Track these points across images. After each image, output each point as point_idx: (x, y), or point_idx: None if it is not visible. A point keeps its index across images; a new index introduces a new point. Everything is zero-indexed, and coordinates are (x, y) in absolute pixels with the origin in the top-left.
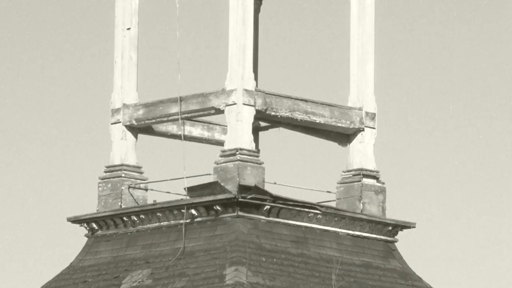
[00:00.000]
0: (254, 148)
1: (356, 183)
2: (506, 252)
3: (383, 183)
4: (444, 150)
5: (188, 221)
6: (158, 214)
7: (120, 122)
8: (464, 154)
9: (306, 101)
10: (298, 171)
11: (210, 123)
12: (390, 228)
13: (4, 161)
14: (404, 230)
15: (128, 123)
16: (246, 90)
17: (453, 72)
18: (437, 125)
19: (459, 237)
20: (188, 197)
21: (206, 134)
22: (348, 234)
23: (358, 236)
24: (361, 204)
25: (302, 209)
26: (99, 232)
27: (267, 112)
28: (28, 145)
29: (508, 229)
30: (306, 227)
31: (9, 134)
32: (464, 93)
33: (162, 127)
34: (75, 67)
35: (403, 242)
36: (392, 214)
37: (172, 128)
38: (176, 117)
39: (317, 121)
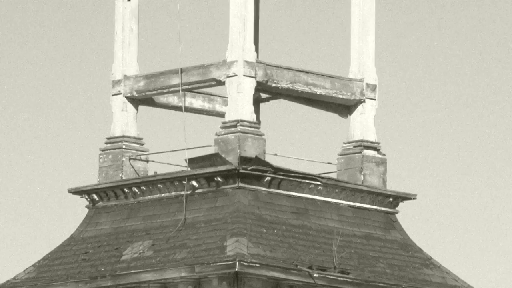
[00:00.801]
0: (255, 120)
1: (357, 154)
2: (506, 222)
3: (384, 155)
4: (445, 121)
5: (189, 192)
6: (159, 185)
7: (121, 93)
8: (465, 125)
9: (307, 72)
10: (299, 142)
11: (211, 95)
12: (390, 199)
13: (5, 133)
14: (405, 202)
15: (129, 95)
16: (247, 61)
17: (455, 43)
18: (438, 96)
19: (459, 208)
20: (189, 169)
21: (207, 105)
22: (349, 205)
23: (359, 208)
24: (362, 176)
25: (303, 180)
26: (100, 203)
27: (268, 83)
28: (29, 117)
29: (508, 199)
30: (307, 198)
31: (10, 106)
32: (465, 64)
33: (163, 99)
34: (76, 38)
35: (404, 213)
36: (393, 185)
37: (173, 99)
38: (177, 88)
39: (318, 93)
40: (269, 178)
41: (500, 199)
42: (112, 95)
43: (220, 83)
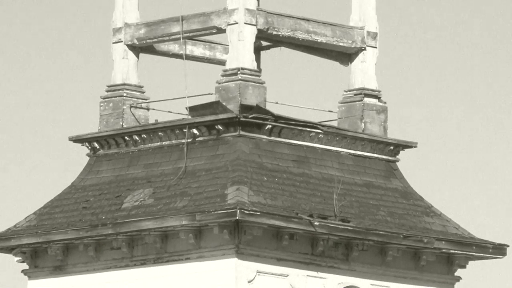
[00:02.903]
0: (255, 68)
1: (357, 102)
2: (507, 170)
3: (385, 103)
4: (445, 68)
5: (189, 140)
6: (159, 133)
7: (121, 41)
8: (466, 72)
9: (307, 20)
10: (299, 90)
11: (212, 43)
12: (391, 147)
13: (6, 80)
14: (406, 150)
15: (129, 43)
16: (247, 9)
17: None
18: (439, 44)
19: (460, 156)
20: (189, 117)
21: (207, 53)
22: (350, 153)
23: (359, 156)
24: (363, 124)
25: (304, 128)
26: (101, 151)
27: (269, 31)
28: (30, 65)
29: (509, 147)
30: (307, 146)
31: (10, 53)
32: (467, 11)
33: (163, 47)
34: None
35: (405, 161)
36: (394, 133)
37: (173, 47)
38: (177, 36)
39: (318, 41)
40: (270, 126)
41: (500, 147)
42: (113, 43)
43: (221, 31)
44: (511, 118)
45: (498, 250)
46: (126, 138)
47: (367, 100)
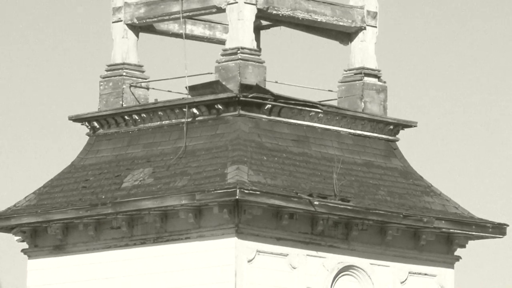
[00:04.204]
0: (255, 47)
1: (357, 82)
2: (507, 150)
3: (385, 82)
4: (445, 48)
5: (189, 120)
6: (159, 113)
7: (121, 20)
8: (466, 51)
9: None
10: (299, 70)
11: (212, 22)
12: (391, 127)
13: (6, 60)
14: (405, 129)
15: (129, 22)
16: None
17: None
18: (439, 23)
19: (460, 135)
20: (189, 96)
21: (207, 33)
22: (349, 133)
23: (359, 135)
24: (363, 103)
25: (304, 107)
26: (101, 130)
27: (269, 10)
28: (30, 44)
29: (508, 127)
30: (307, 126)
31: (10, 34)
32: None
33: (163, 26)
34: None
35: (404, 141)
36: (394, 113)
37: (173, 26)
38: (177, 15)
39: (318, 20)
40: (270, 105)
41: (501, 127)
42: (113, 22)
43: (220, 10)
44: (511, 98)
45: (498, 229)
46: (126, 117)
47: (367, 79)
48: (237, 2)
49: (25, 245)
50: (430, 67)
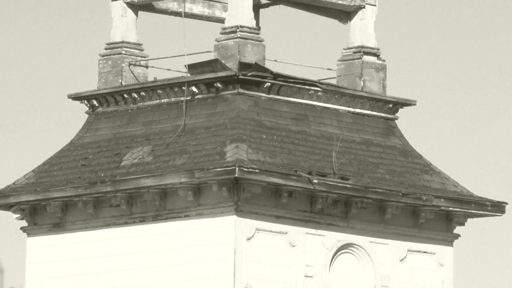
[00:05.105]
0: (254, 26)
1: (356, 60)
2: (506, 128)
3: (384, 61)
4: (445, 26)
5: (188, 98)
6: (158, 91)
7: None
8: (465, 29)
9: None
10: (298, 48)
11: (211, 0)
12: (390, 105)
13: (5, 39)
14: (405, 108)
15: (128, 0)
16: None
17: None
18: (438, 2)
19: (459, 114)
20: (188, 74)
21: (206, 11)
22: (349, 111)
23: (358, 114)
24: (362, 82)
25: (303, 86)
26: (100, 109)
27: None
28: (29, 23)
29: (508, 105)
30: (306, 104)
31: (10, 12)
32: None
33: (162, 4)
34: None
35: (404, 119)
36: (393, 91)
37: (172, 5)
38: None
39: None
40: (269, 84)
41: (499, 104)
42: (112, 0)
43: None
44: (510, 76)
45: (497, 207)
46: (125, 95)
47: (366, 58)
48: None
49: (24, 223)
50: (429, 45)
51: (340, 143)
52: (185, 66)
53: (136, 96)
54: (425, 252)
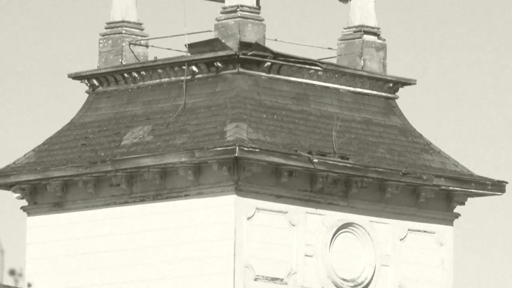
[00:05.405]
0: (255, 5)
1: (357, 39)
2: (506, 107)
3: (384, 40)
4: (445, 5)
5: (188, 77)
6: (158, 70)
7: None
8: (465, 8)
9: None
10: (299, 27)
11: None
12: (390, 84)
13: (6, 17)
14: (405, 87)
15: None
16: None
17: None
18: None
19: (459, 93)
20: (188, 54)
21: None
22: (349, 90)
23: (358, 93)
24: (362, 61)
25: (303, 65)
26: (100, 88)
27: None
28: (30, 2)
29: (508, 84)
30: (306, 83)
31: None
32: None
33: None
34: None
35: (404, 98)
36: (393, 70)
37: None
38: None
39: None
40: (269, 63)
41: (499, 83)
42: None
43: None
44: (510, 56)
45: (497, 186)
46: (125, 75)
47: (366, 37)
48: None
49: (24, 203)
50: (430, 25)
51: (340, 122)
52: (185, 45)
53: (136, 76)
54: (425, 231)
